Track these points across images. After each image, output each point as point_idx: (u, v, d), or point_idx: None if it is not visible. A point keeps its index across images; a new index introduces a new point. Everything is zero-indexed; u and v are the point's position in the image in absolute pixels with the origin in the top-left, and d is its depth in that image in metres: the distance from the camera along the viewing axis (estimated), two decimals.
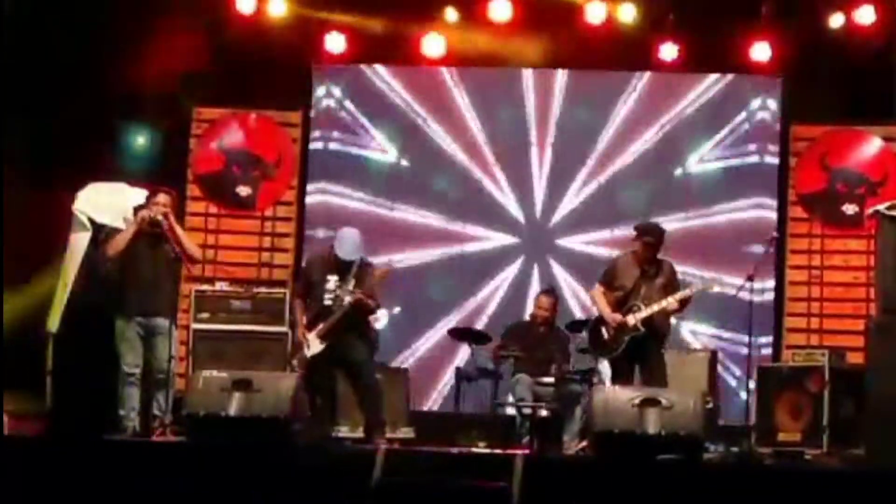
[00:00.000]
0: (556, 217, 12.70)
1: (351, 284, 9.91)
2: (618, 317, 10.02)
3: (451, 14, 12.29)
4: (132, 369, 9.75)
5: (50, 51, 11.47)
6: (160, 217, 9.80)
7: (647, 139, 12.64)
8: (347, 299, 9.85)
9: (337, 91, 12.86)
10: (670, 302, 10.01)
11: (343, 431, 10.60)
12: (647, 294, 10.04)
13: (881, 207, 9.64)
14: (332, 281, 10.00)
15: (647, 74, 12.65)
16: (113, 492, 8.01)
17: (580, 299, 12.33)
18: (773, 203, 12.44)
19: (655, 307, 9.98)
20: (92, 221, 10.53)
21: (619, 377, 9.97)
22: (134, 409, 9.73)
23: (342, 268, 9.99)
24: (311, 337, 9.93)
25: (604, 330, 10.13)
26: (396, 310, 12.45)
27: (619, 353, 10.01)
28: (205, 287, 11.79)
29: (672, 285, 10.10)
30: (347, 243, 10.08)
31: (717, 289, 10.52)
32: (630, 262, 10.26)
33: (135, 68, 11.74)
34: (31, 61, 11.24)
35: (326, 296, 9.98)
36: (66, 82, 11.57)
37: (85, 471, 8.10)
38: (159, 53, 11.71)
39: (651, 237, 10.16)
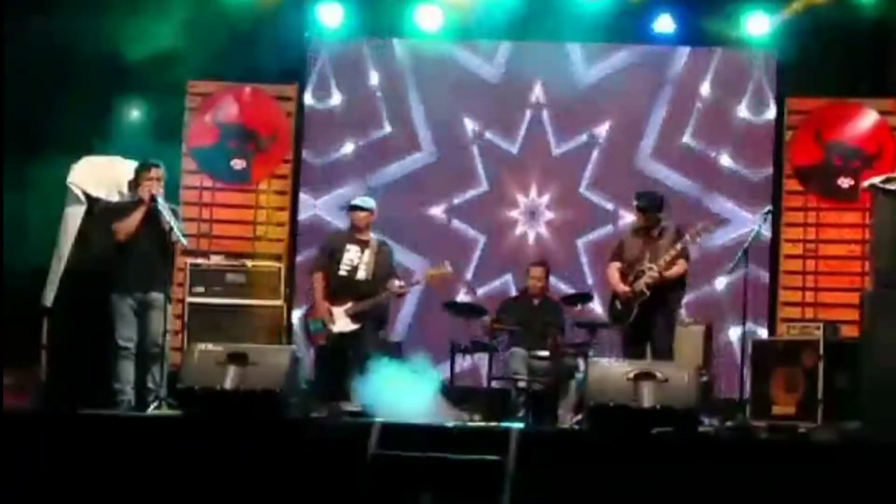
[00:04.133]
0: (548, 189, 12.71)
1: (368, 258, 10.10)
2: (625, 287, 10.19)
3: None
4: (126, 343, 9.74)
5: (45, 25, 11.42)
6: (156, 191, 9.80)
7: (640, 111, 12.63)
8: (396, 288, 10.33)
9: (332, 64, 12.82)
10: (667, 259, 10.09)
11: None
12: (651, 258, 10.19)
13: (876, 181, 9.65)
14: (353, 251, 10.30)
15: (641, 48, 12.63)
16: (108, 466, 8.02)
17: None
18: (769, 171, 12.46)
19: (655, 268, 10.09)
20: (87, 195, 10.50)
21: (630, 356, 10.02)
22: (129, 383, 9.72)
23: (361, 242, 10.38)
24: (339, 312, 10.11)
25: (617, 302, 10.32)
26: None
27: (631, 321, 10.14)
28: (199, 261, 11.78)
29: (678, 249, 10.21)
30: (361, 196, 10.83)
31: (712, 229, 10.57)
32: (634, 232, 10.50)
33: (129, 41, 11.70)
34: (25, 35, 11.20)
35: (343, 266, 10.19)
36: (60, 56, 11.52)
37: (80, 445, 8.12)
38: (154, 26, 11.65)
39: (643, 202, 10.36)
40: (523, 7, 12.20)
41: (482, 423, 9.80)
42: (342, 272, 10.38)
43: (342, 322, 10.25)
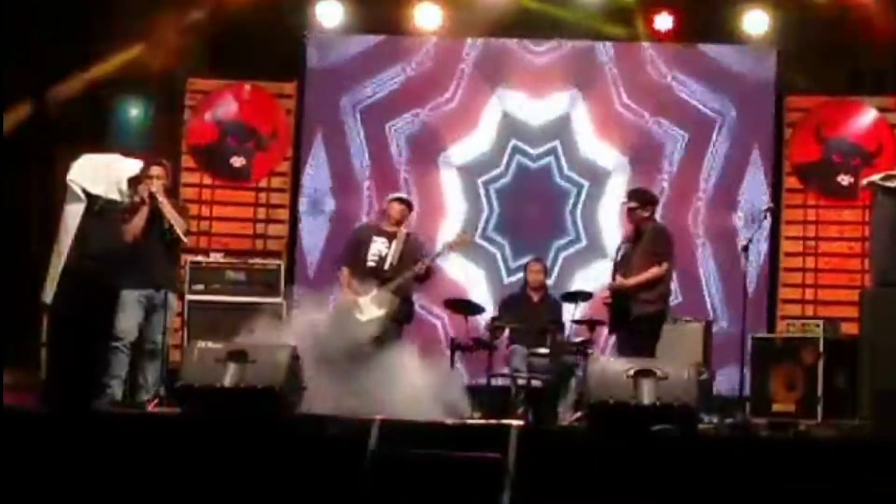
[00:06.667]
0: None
1: (395, 248, 10.12)
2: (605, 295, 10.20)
3: None
4: (123, 336, 9.73)
5: (44, 23, 11.42)
6: (155, 189, 9.81)
7: (641, 111, 12.65)
8: (417, 267, 10.06)
9: (330, 61, 12.82)
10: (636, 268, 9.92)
11: None
12: (627, 265, 9.95)
13: (876, 178, 9.67)
14: (379, 242, 10.22)
15: (643, 45, 12.64)
16: (107, 464, 8.02)
17: None
18: (768, 173, 12.47)
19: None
20: (86, 192, 10.50)
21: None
22: (119, 378, 9.70)
23: (388, 234, 10.25)
24: (365, 301, 10.04)
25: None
26: None
27: (612, 327, 10.11)
28: (200, 258, 11.80)
29: (650, 251, 9.85)
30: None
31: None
32: (626, 236, 10.31)
33: (129, 39, 11.71)
34: (25, 32, 11.20)
35: (371, 257, 10.16)
36: (60, 55, 11.53)
37: (80, 444, 8.11)
38: (152, 25, 11.66)
39: (628, 200, 10.14)
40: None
41: (482, 421, 9.81)
42: (370, 263, 10.21)
43: (368, 310, 10.14)
